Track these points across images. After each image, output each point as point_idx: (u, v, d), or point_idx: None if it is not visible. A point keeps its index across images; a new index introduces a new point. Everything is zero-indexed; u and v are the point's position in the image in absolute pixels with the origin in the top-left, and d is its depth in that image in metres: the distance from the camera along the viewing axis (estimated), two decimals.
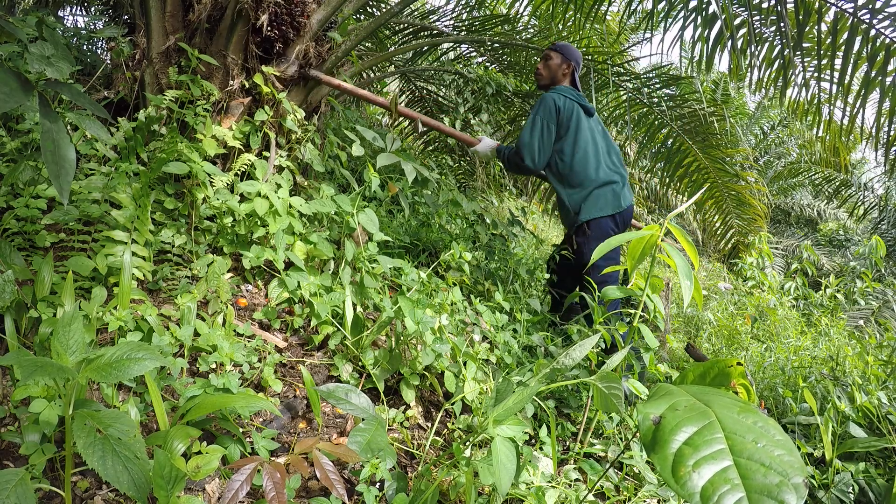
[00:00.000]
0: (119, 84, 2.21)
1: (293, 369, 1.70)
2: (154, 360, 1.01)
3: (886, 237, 9.06)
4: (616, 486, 1.55)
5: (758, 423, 0.64)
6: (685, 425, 0.65)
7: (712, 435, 0.63)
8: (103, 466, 0.89)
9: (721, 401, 0.69)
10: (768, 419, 0.65)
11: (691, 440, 0.63)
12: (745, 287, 4.86)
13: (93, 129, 1.19)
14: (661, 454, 0.63)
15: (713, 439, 0.62)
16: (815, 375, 2.51)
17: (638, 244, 1.56)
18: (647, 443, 0.66)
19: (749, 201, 4.78)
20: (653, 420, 0.67)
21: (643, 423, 0.68)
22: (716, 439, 0.62)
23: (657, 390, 0.76)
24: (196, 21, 2.19)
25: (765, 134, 12.18)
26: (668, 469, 0.61)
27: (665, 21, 3.60)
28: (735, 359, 0.96)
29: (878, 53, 3.18)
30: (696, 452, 0.61)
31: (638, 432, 1.70)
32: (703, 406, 0.68)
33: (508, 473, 1.03)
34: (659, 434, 0.65)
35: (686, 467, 0.60)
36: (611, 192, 2.55)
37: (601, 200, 2.53)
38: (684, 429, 0.65)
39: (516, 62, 4.31)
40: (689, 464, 0.60)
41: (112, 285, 1.60)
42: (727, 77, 6.87)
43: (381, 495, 1.26)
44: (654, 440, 0.65)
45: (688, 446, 0.62)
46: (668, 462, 0.61)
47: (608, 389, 1.07)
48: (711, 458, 0.60)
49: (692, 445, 0.62)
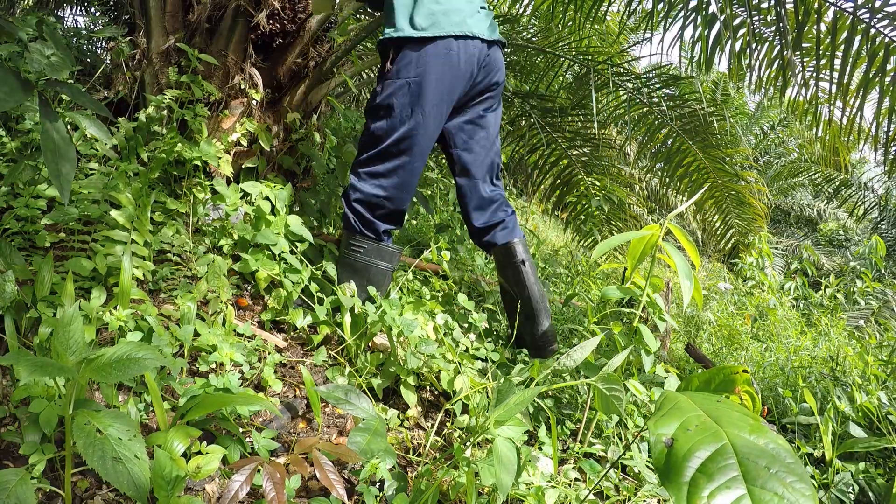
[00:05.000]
0: (119, 84, 2.21)
1: (293, 369, 1.70)
2: (154, 360, 1.01)
3: (886, 237, 9.06)
4: (616, 486, 1.55)
5: (769, 444, 0.64)
6: (698, 449, 0.65)
7: (725, 461, 0.63)
8: (103, 466, 0.89)
9: (731, 417, 0.70)
10: (778, 438, 0.66)
11: (704, 467, 0.63)
12: (745, 287, 4.86)
13: (93, 128, 1.19)
14: (676, 483, 0.63)
15: (727, 466, 0.62)
16: (815, 375, 2.51)
17: (638, 244, 1.56)
18: (660, 468, 0.67)
19: (749, 201, 4.78)
20: (665, 443, 0.68)
21: (656, 447, 0.68)
22: (729, 466, 0.62)
23: (665, 401, 0.76)
24: (196, 21, 2.19)
25: (765, 134, 12.18)
26: (683, 501, 0.61)
27: (665, 21, 3.60)
28: (740, 366, 0.97)
29: (877, 52, 3.18)
30: (710, 482, 0.61)
31: (640, 432, 1.70)
32: (715, 425, 0.68)
33: (510, 474, 1.03)
34: (671, 460, 0.65)
35: (701, 499, 0.60)
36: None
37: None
38: (697, 454, 0.65)
39: (516, 62, 4.31)
40: (704, 495, 0.60)
41: (112, 285, 1.60)
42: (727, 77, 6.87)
43: (381, 495, 1.26)
44: (667, 467, 0.65)
45: (701, 474, 0.63)
46: (682, 493, 0.62)
47: (609, 391, 1.07)
48: (726, 486, 0.60)
49: (706, 474, 0.62)
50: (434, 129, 1.87)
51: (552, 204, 4.99)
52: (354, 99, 5.21)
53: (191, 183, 1.91)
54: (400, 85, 1.81)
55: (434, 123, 1.86)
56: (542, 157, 4.40)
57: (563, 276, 4.36)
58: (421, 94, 1.80)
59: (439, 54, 1.80)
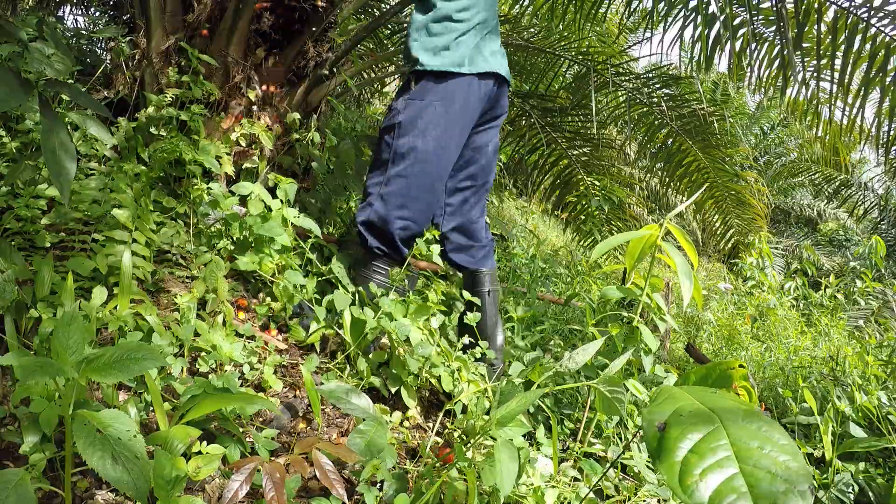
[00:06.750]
0: (119, 84, 2.20)
1: (294, 369, 1.70)
2: (154, 360, 1.00)
3: (886, 237, 9.06)
4: (616, 486, 1.55)
5: (762, 427, 0.64)
6: (690, 432, 0.65)
7: (717, 442, 0.63)
8: (103, 466, 0.88)
9: (725, 404, 0.69)
10: (772, 422, 0.65)
11: (697, 447, 0.63)
12: (745, 287, 4.86)
13: (93, 128, 1.19)
14: (668, 463, 0.63)
15: (718, 446, 0.62)
16: (815, 375, 2.51)
17: (637, 244, 1.56)
18: (652, 450, 0.66)
19: (749, 201, 4.79)
20: (658, 427, 0.67)
21: (648, 430, 0.68)
22: (721, 446, 0.62)
23: (660, 393, 0.76)
24: (196, 21, 2.19)
25: (765, 134, 12.19)
26: (675, 479, 0.61)
27: (665, 21, 3.60)
28: (737, 361, 0.96)
29: (878, 52, 3.18)
30: (701, 461, 0.61)
31: (639, 432, 1.70)
32: (708, 411, 0.68)
33: (511, 475, 1.03)
34: (664, 442, 0.65)
35: (693, 476, 0.60)
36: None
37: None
38: (689, 436, 0.64)
39: (516, 62, 4.31)
40: (696, 473, 0.60)
41: (112, 285, 1.60)
42: (727, 77, 6.88)
43: (381, 496, 1.26)
44: (659, 448, 0.65)
45: (693, 454, 0.62)
46: (674, 472, 0.61)
47: (611, 393, 1.07)
48: (717, 465, 0.60)
49: (698, 453, 0.62)
50: (454, 154, 1.95)
51: (552, 204, 4.99)
52: (354, 99, 5.21)
53: (190, 183, 1.91)
54: (425, 105, 1.88)
55: (455, 149, 1.94)
56: (542, 156, 4.40)
57: (563, 276, 4.36)
58: (445, 117, 1.88)
59: (464, 86, 1.90)
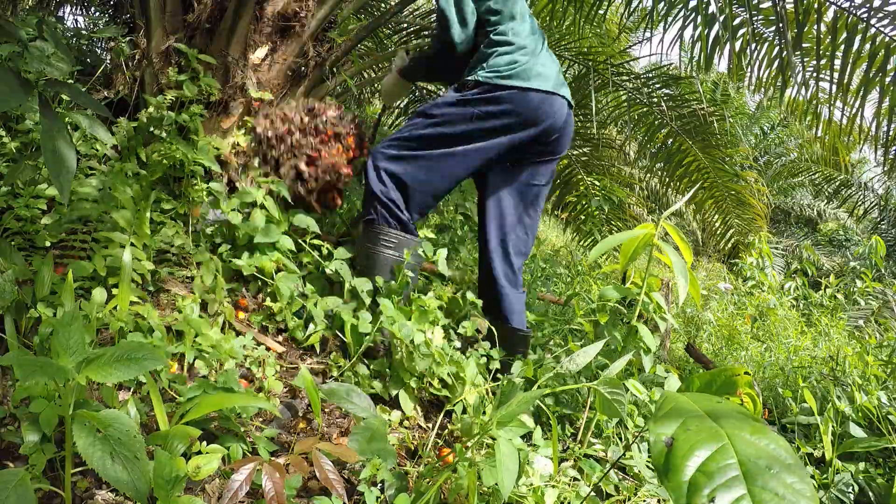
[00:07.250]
0: (119, 84, 2.20)
1: (294, 369, 1.70)
2: (154, 360, 1.00)
3: (886, 237, 9.07)
4: (616, 486, 1.55)
5: (770, 444, 0.64)
6: (698, 449, 0.64)
7: (725, 461, 0.62)
8: (103, 466, 0.88)
9: (732, 417, 0.69)
10: (779, 439, 0.65)
11: (704, 466, 0.62)
12: (745, 287, 4.86)
13: (93, 128, 1.19)
14: (675, 482, 0.62)
15: (727, 466, 0.62)
16: (815, 375, 2.51)
17: (631, 243, 1.55)
18: (659, 467, 0.66)
19: (749, 201, 4.79)
20: (665, 442, 0.67)
21: (655, 446, 0.67)
22: (729, 465, 0.62)
23: (665, 401, 0.76)
24: (196, 21, 2.19)
25: (765, 134, 12.19)
26: (683, 499, 0.61)
27: (664, 21, 3.60)
28: (742, 367, 0.96)
29: (877, 52, 3.18)
30: (710, 482, 0.60)
31: (640, 433, 1.70)
32: (715, 425, 0.68)
33: (511, 475, 1.03)
34: (671, 459, 0.65)
35: (701, 498, 0.59)
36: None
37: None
38: (697, 453, 0.64)
39: None
40: (705, 493, 0.60)
41: (112, 286, 1.60)
42: (727, 77, 6.88)
43: (381, 496, 1.26)
44: (666, 466, 0.65)
45: (701, 473, 0.62)
46: (682, 492, 0.61)
47: (611, 395, 1.07)
48: (725, 486, 0.60)
49: (706, 473, 0.62)
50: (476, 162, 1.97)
51: (552, 204, 4.99)
52: (354, 99, 5.21)
53: (189, 184, 1.91)
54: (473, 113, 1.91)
55: (482, 156, 1.96)
56: None
57: (563, 277, 4.36)
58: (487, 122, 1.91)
59: (523, 101, 1.91)
